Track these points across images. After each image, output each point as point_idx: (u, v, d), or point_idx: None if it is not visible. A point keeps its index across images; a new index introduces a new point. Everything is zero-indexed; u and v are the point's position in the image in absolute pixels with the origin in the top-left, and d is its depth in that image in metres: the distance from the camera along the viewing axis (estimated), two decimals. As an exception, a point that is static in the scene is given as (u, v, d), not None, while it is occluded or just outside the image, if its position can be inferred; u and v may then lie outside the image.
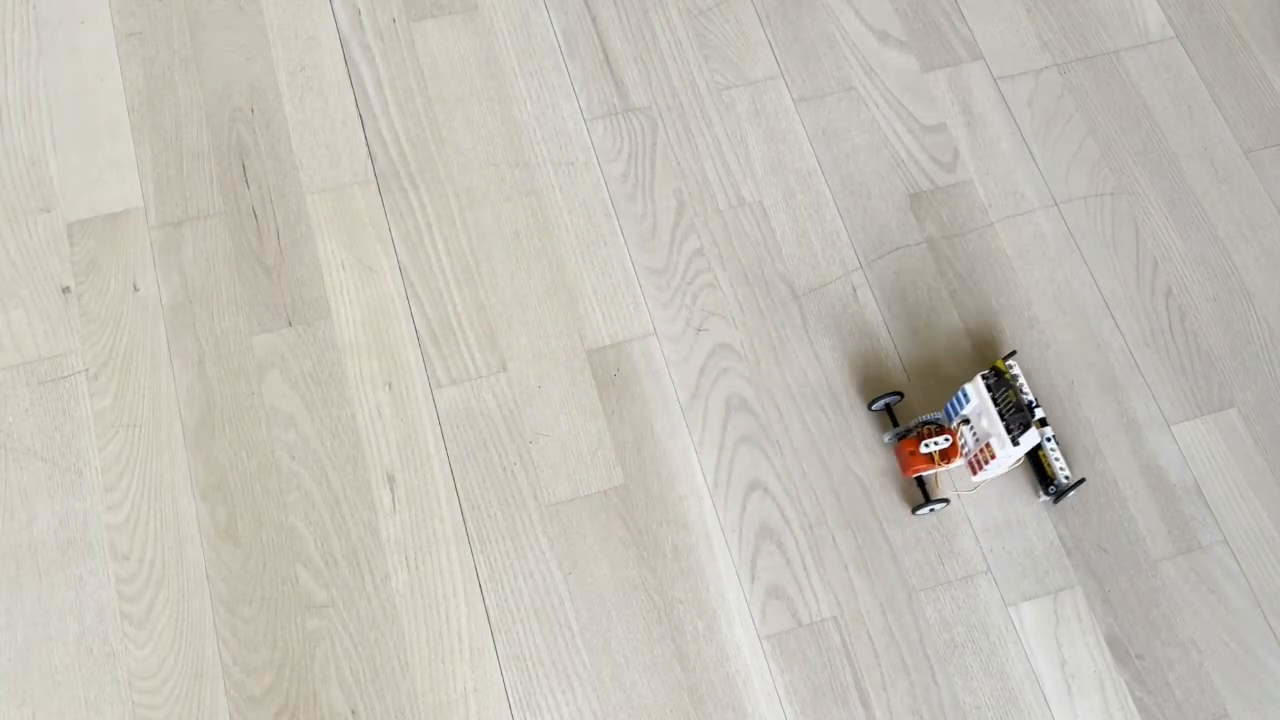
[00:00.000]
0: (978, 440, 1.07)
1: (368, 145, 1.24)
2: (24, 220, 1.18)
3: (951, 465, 1.08)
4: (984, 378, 1.06)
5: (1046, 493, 1.10)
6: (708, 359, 1.17)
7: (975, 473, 1.09)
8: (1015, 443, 1.03)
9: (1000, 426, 1.04)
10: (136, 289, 1.16)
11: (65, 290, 1.16)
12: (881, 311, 1.20)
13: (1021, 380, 1.09)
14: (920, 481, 1.10)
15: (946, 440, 1.07)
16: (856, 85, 1.30)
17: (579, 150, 1.25)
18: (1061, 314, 1.21)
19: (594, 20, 1.32)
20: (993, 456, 1.05)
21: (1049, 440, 1.10)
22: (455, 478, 1.10)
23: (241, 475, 1.09)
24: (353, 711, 1.02)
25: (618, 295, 1.19)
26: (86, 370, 1.12)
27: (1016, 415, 1.04)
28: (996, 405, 1.04)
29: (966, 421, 1.08)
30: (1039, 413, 1.09)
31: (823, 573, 1.08)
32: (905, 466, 1.09)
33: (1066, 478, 1.09)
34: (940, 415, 1.10)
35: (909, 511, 1.10)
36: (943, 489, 1.11)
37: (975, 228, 1.24)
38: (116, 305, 1.15)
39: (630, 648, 1.05)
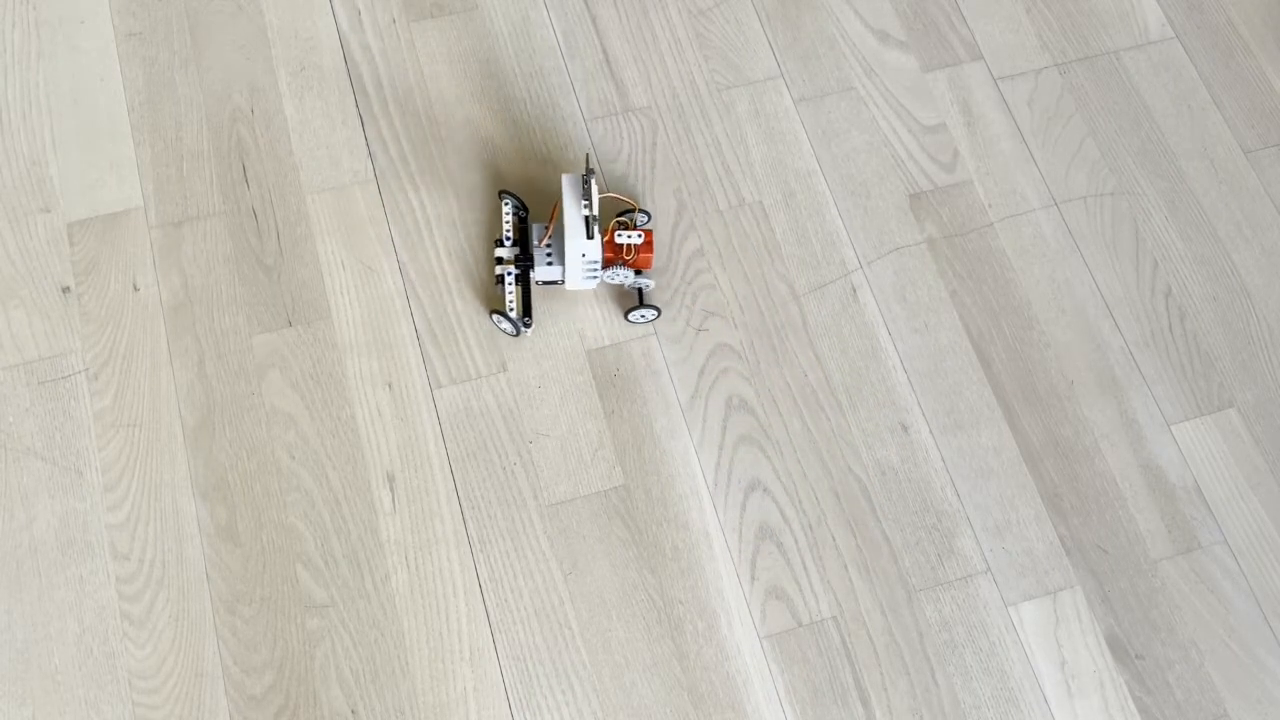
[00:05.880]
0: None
1: (368, 145, 1.24)
2: (24, 220, 1.18)
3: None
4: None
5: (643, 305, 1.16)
6: (708, 359, 1.17)
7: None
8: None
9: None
10: (136, 289, 1.16)
11: (65, 290, 1.16)
12: (881, 311, 1.20)
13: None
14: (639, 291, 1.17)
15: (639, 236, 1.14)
16: (856, 85, 1.30)
17: (578, 150, 1.25)
18: (1061, 314, 1.21)
19: (594, 20, 1.32)
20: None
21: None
22: (455, 478, 1.10)
23: (241, 475, 1.09)
24: (353, 711, 1.02)
25: (617, 295, 1.19)
26: (86, 370, 1.12)
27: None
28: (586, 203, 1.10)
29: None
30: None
31: (823, 573, 1.08)
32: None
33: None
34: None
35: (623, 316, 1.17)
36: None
37: (975, 228, 1.24)
38: (116, 305, 1.15)
39: (630, 648, 1.05)
